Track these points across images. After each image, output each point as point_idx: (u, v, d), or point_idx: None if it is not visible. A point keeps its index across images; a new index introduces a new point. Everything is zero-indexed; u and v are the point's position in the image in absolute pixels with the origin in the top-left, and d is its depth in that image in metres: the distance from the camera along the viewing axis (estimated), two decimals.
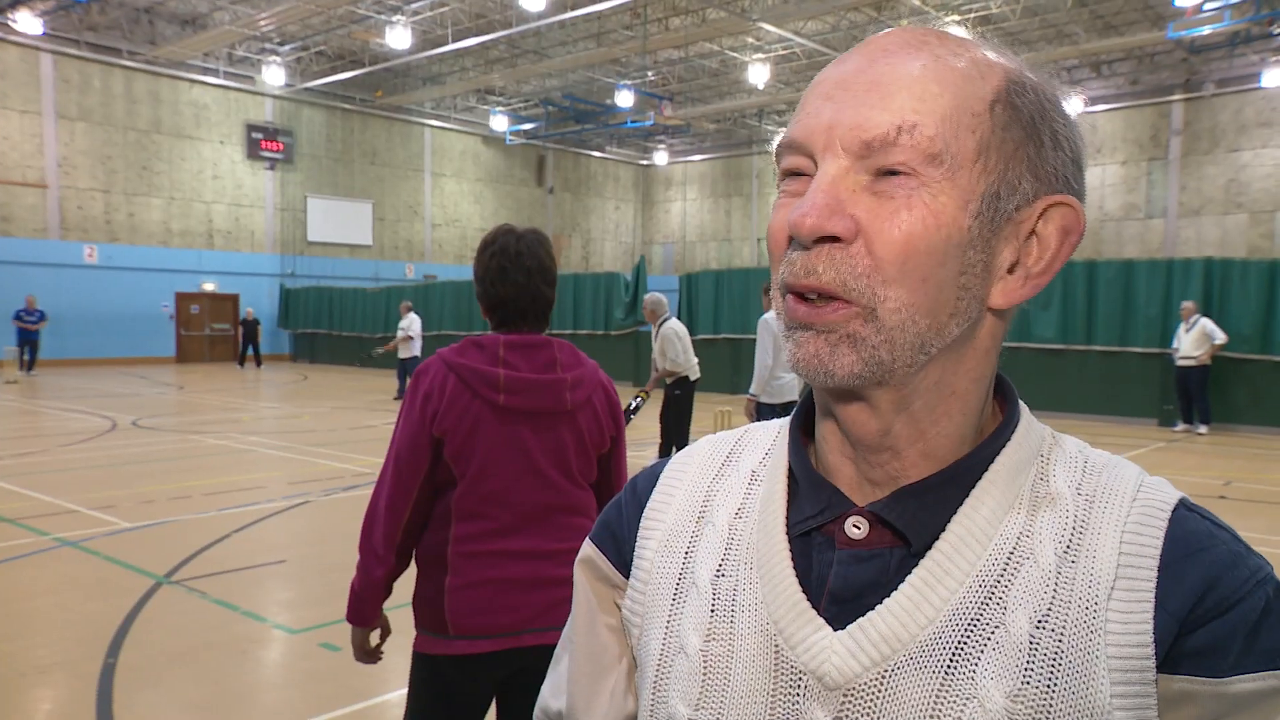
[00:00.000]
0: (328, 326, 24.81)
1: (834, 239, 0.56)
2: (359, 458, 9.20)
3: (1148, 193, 25.10)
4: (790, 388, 7.27)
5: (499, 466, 1.94)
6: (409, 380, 2.01)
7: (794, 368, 0.59)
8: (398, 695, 3.57)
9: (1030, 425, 0.64)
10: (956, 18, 20.24)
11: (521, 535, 1.96)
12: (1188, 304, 11.39)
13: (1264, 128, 23.33)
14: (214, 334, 25.65)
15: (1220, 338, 11.09)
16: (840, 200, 0.56)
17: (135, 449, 9.73)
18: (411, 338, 14.91)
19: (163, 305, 24.43)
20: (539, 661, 2.00)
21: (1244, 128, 23.61)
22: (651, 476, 0.76)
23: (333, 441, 10.37)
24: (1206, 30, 18.99)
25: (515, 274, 2.01)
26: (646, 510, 0.72)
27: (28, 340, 19.58)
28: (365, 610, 2.04)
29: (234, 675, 3.75)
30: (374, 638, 2.12)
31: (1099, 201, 25.61)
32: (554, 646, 2.06)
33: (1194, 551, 0.56)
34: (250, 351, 23.83)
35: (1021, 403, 0.65)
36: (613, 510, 0.76)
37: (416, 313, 16.01)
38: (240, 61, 25.16)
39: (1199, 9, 17.76)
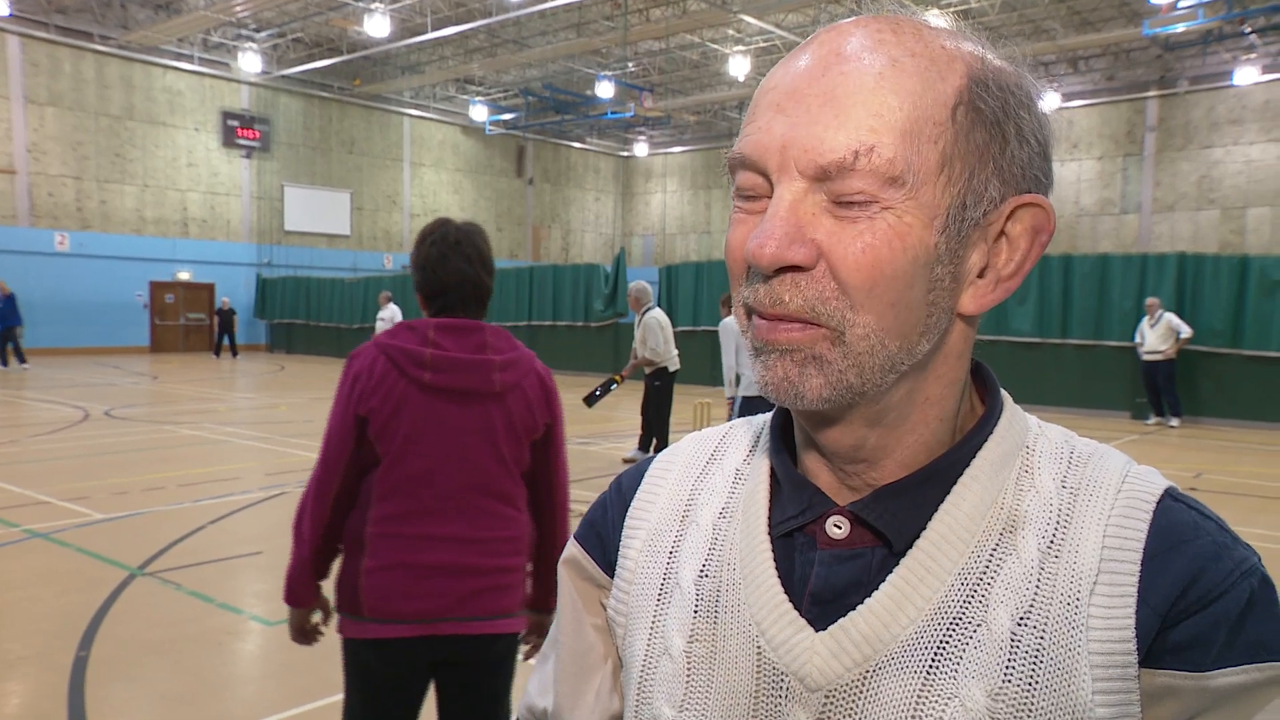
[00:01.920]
0: (305, 317, 24.60)
1: (796, 267, 0.54)
2: None
3: (1123, 188, 25.38)
4: None
5: (423, 445, 1.93)
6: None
7: (763, 390, 0.57)
8: None
9: (1013, 417, 0.62)
10: (936, 11, 20.29)
11: (444, 520, 1.94)
12: (1152, 300, 11.54)
13: (1235, 125, 23.64)
14: (189, 324, 25.35)
15: (1186, 332, 11.21)
16: (799, 226, 0.54)
17: (108, 439, 9.61)
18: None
19: (136, 294, 24.11)
20: (467, 652, 1.97)
21: (1216, 125, 23.91)
22: (636, 475, 0.75)
23: (310, 432, 10.29)
24: (1181, 28, 19.20)
25: (456, 260, 2.03)
26: (631, 509, 0.72)
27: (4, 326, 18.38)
28: (299, 591, 2.04)
29: (209, 667, 3.72)
30: (314, 618, 2.11)
31: (1075, 196, 25.87)
32: (482, 639, 2.03)
33: (1178, 544, 0.55)
34: (226, 341, 23.59)
35: (1005, 393, 0.64)
36: (598, 509, 0.75)
37: (396, 303, 15.94)
38: (215, 48, 24.82)
39: (1174, 6, 17.94)
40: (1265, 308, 11.42)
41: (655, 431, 8.69)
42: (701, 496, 0.69)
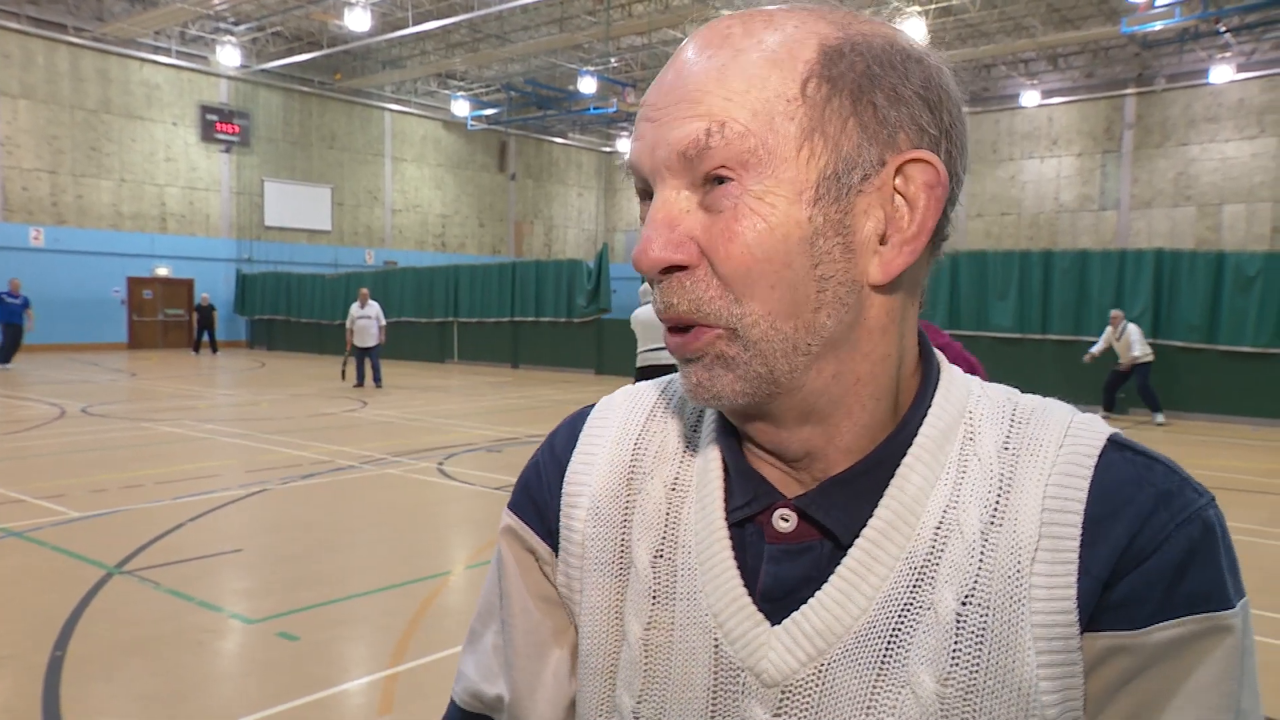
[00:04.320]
0: (286, 313, 24.41)
1: (680, 267, 0.55)
2: (318, 445, 9.08)
3: (1101, 184, 25.61)
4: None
5: None
6: None
7: (687, 395, 0.58)
8: (357, 685, 3.54)
9: (951, 382, 0.61)
10: (917, 8, 20.41)
11: None
12: (1116, 312, 11.63)
13: (1211, 123, 23.91)
14: (168, 320, 25.10)
15: (1138, 351, 11.27)
16: (674, 226, 0.55)
17: (85, 437, 9.50)
18: (383, 325, 14.91)
19: (114, 290, 23.84)
20: None
21: (1193, 122, 24.17)
22: (570, 435, 0.71)
23: (291, 429, 10.22)
24: (1158, 26, 19.41)
25: None
26: (569, 473, 0.68)
27: (10, 325, 17.90)
28: None
29: (189, 666, 3.68)
30: None
31: (1054, 193, 26.09)
32: None
33: (1120, 503, 0.53)
34: (206, 338, 23.36)
35: (939, 355, 0.63)
36: (530, 473, 0.71)
37: (375, 299, 15.95)
38: (193, 41, 24.55)
39: (1151, 4, 18.12)
40: (1240, 304, 11.56)
41: None
42: (646, 460, 0.66)
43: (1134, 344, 11.28)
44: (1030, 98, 25.77)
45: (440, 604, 4.49)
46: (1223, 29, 20.55)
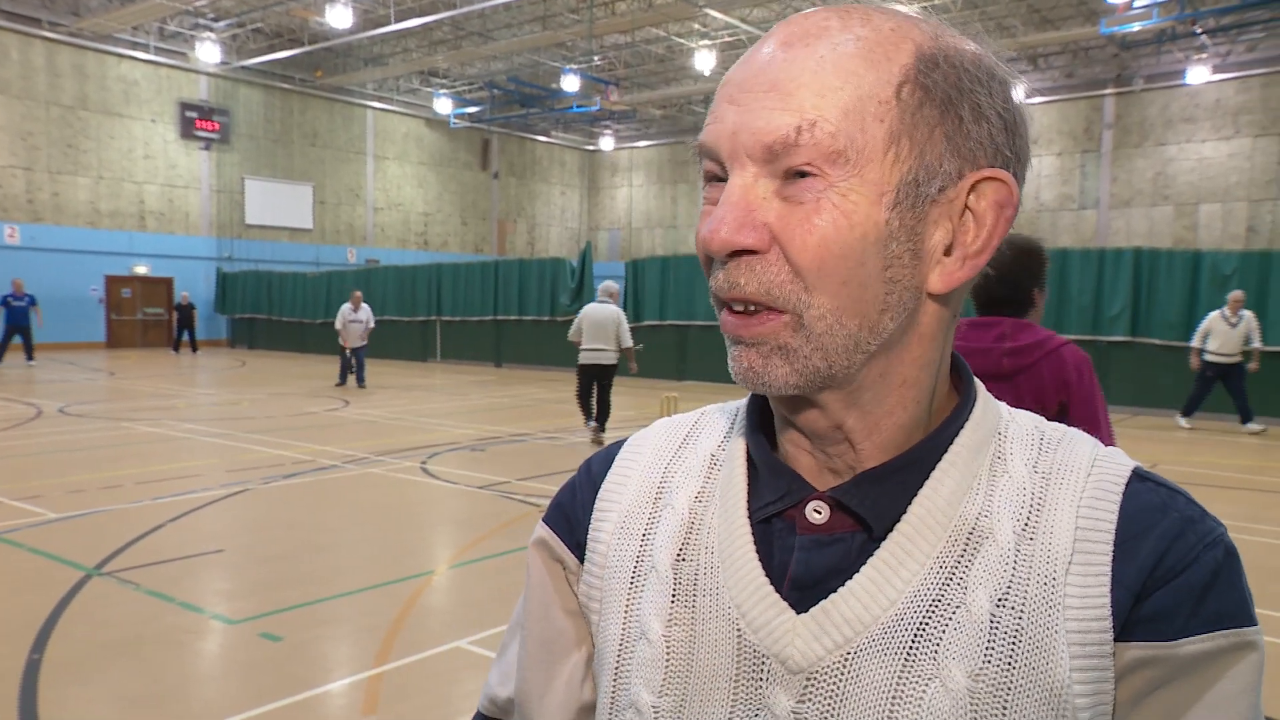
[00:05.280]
0: (267, 311, 24.23)
1: (750, 251, 0.55)
2: (299, 444, 9.02)
3: (1081, 184, 25.84)
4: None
5: None
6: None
7: (735, 378, 0.59)
8: (339, 685, 3.52)
9: (987, 404, 0.64)
10: (901, 7, 20.51)
11: None
12: (1237, 294, 10.30)
13: (1188, 123, 24.17)
14: (147, 318, 24.85)
15: (1256, 341, 10.26)
16: (750, 211, 0.55)
17: (63, 437, 9.39)
18: (370, 327, 15.03)
19: (91, 289, 23.57)
20: None
21: (1170, 122, 24.43)
22: (606, 458, 0.74)
23: (272, 428, 10.15)
24: (1136, 27, 19.60)
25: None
26: (601, 492, 0.71)
27: (18, 326, 18.10)
28: None
29: (170, 668, 3.65)
30: None
31: (1035, 192, 26.28)
32: None
33: (1147, 526, 0.57)
34: (186, 337, 23.15)
35: (977, 381, 0.65)
36: (566, 491, 0.74)
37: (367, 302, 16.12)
38: (172, 37, 24.30)
39: (1129, 6, 18.29)
40: (1217, 302, 11.67)
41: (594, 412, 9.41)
42: (675, 480, 0.69)
43: (1252, 334, 10.09)
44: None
45: (424, 604, 4.47)
46: (1199, 30, 20.78)
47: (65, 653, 3.74)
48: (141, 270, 24.46)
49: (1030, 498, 0.59)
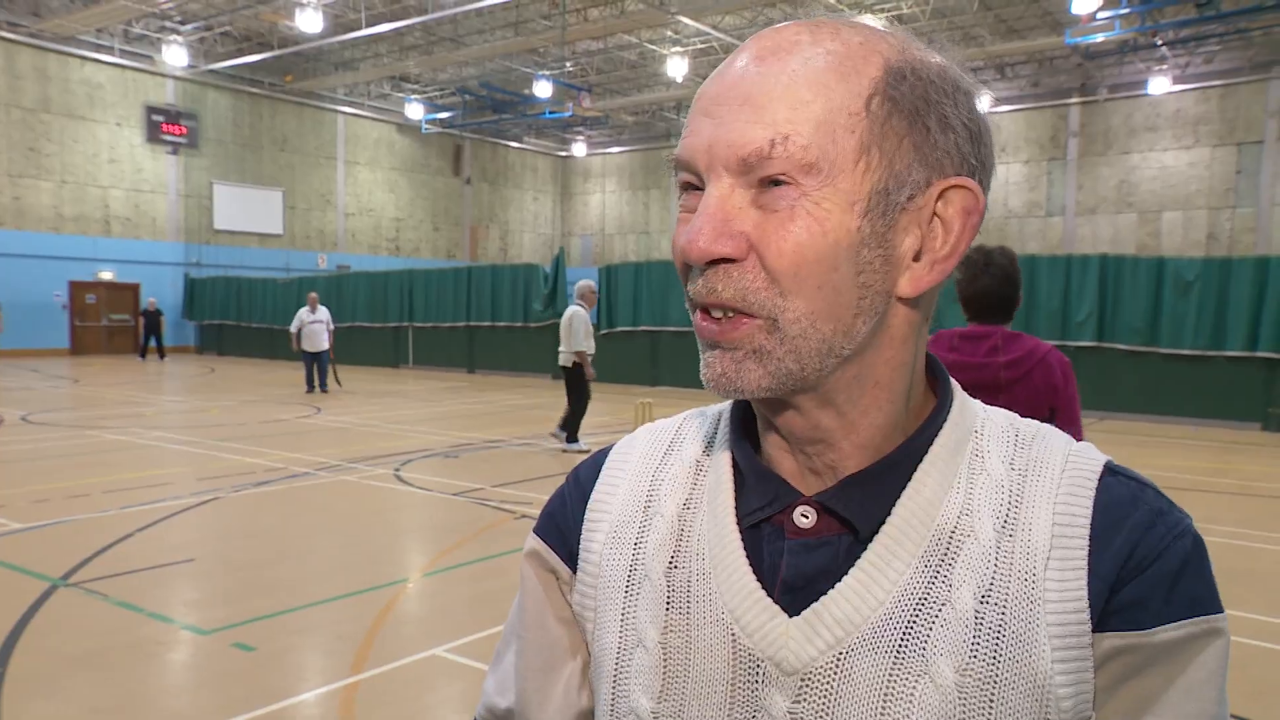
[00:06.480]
0: (236, 318, 23.92)
1: (728, 259, 0.57)
2: (270, 452, 8.91)
3: (1048, 191, 26.26)
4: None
5: None
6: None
7: (706, 385, 0.60)
8: (314, 695, 3.48)
9: (964, 404, 0.66)
10: (870, 17, 20.74)
11: None
12: None
13: (1150, 132, 24.68)
14: (113, 325, 24.44)
15: None
16: (728, 221, 0.57)
17: (26, 445, 9.20)
18: (332, 329, 15.04)
19: (54, 294, 23.14)
20: None
21: (1134, 131, 24.93)
22: (594, 466, 0.75)
23: (242, 436, 10.02)
24: (1100, 38, 19.98)
25: (984, 279, 2.55)
26: (591, 501, 0.72)
27: None
28: None
29: (139, 679, 3.59)
30: None
31: (1004, 199, 26.66)
32: None
33: (1120, 518, 0.59)
34: (153, 343, 22.80)
35: (954, 381, 0.67)
36: (556, 501, 0.76)
37: (323, 304, 16.08)
38: (138, 40, 23.97)
39: (1093, 17, 18.64)
40: (1180, 308, 11.93)
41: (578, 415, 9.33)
42: (663, 487, 0.70)
43: None
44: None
45: (399, 611, 4.44)
46: (1159, 42, 21.23)
47: (30, 666, 3.67)
48: (107, 276, 24.06)
49: (1009, 495, 0.61)
